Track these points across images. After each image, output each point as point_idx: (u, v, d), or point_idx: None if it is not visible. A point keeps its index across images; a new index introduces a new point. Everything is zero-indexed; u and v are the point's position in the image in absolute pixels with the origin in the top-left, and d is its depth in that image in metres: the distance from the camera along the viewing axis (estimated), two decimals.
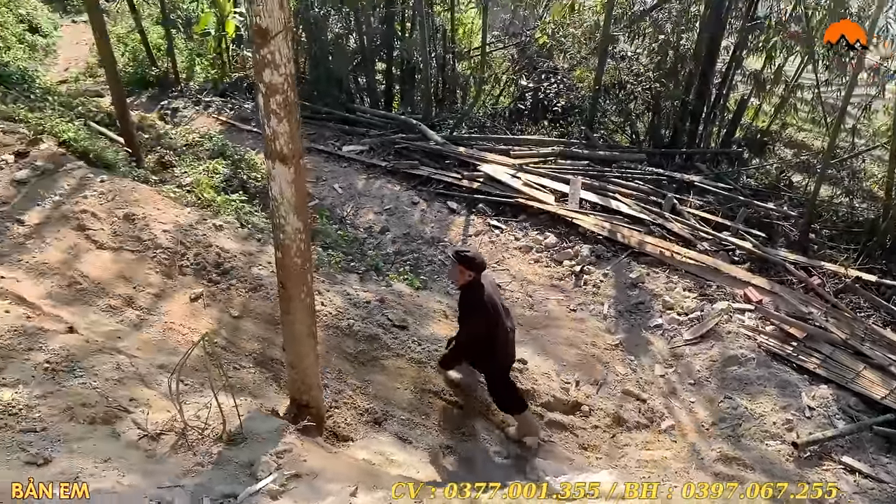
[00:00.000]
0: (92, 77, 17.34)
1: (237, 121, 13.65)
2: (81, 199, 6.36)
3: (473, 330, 4.99)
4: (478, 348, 5.13)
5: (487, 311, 4.87)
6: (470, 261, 4.87)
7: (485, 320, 4.89)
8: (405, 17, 14.96)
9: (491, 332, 4.94)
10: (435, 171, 10.98)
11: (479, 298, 4.89)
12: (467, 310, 4.98)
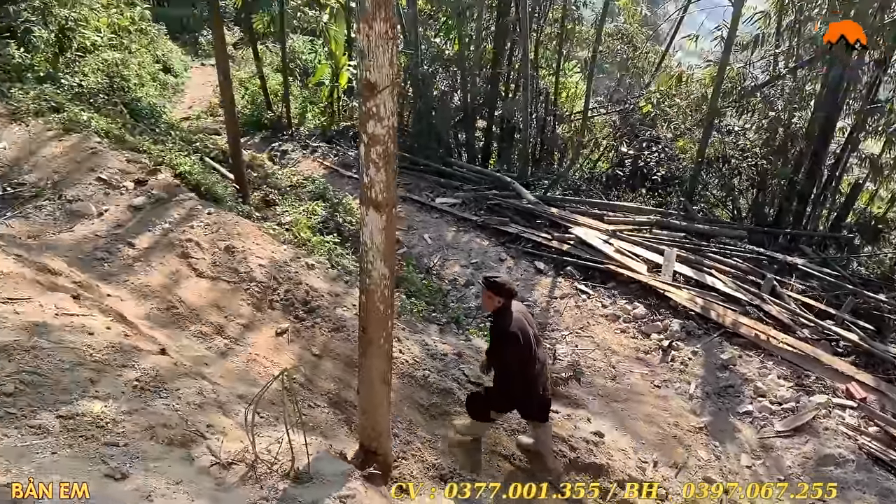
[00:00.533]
0: (212, 116, 18.63)
1: (340, 167, 14.23)
2: (188, 228, 6.75)
3: (507, 358, 4.75)
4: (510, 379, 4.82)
5: (517, 339, 4.65)
6: (499, 287, 4.68)
7: (514, 348, 4.66)
8: (510, 78, 15.31)
9: (522, 360, 4.73)
10: (525, 229, 10.97)
11: (508, 325, 4.67)
12: (496, 338, 4.79)
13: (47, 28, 12.36)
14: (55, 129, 8.21)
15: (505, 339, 4.68)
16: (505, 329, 4.66)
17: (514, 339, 4.63)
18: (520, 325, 4.72)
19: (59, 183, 7.26)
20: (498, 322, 4.74)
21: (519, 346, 4.65)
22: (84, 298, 4.61)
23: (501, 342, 4.73)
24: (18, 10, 12.26)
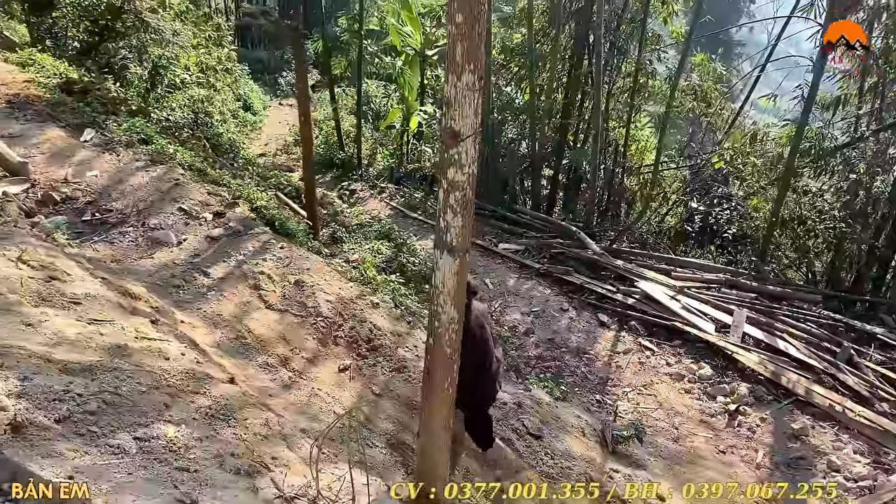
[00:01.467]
0: (286, 153, 19.35)
1: (406, 208, 14.46)
2: (261, 261, 6.96)
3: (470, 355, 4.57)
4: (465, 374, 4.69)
5: (475, 335, 4.67)
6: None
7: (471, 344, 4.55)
8: (579, 128, 15.35)
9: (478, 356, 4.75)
10: (589, 280, 10.84)
11: (469, 321, 4.56)
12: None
13: (142, 65, 13.19)
14: (143, 160, 8.67)
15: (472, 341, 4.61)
16: (470, 328, 4.62)
17: (472, 335, 4.64)
18: (479, 322, 4.81)
19: (143, 211, 7.63)
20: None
21: (476, 342, 4.70)
22: (161, 324, 4.78)
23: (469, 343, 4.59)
24: (117, 48, 13.15)
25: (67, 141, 8.85)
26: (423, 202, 14.74)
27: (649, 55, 14.04)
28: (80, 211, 7.61)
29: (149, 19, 12.85)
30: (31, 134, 8.79)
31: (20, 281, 4.10)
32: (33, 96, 9.79)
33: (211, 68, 15.93)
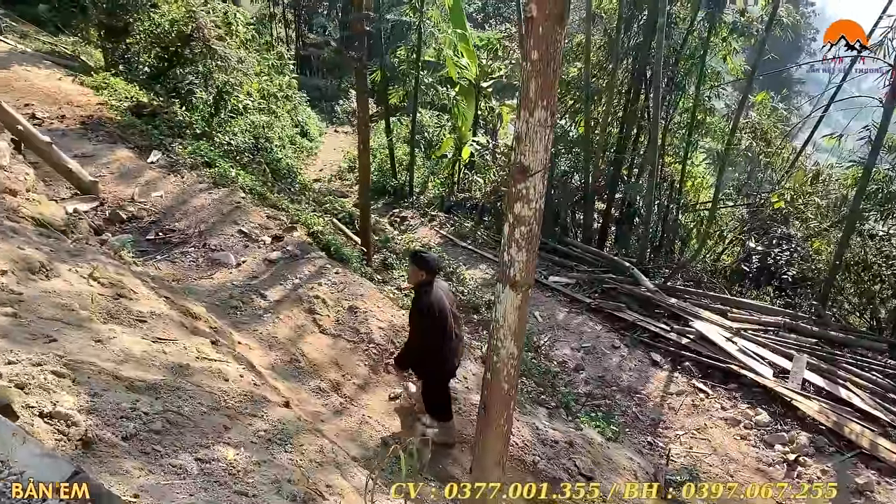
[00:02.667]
0: (340, 179, 19.69)
1: (456, 237, 14.49)
2: (316, 285, 7.04)
3: (421, 327, 5.10)
4: (424, 349, 5.19)
5: (434, 311, 4.99)
6: (422, 260, 5.14)
7: (432, 318, 4.99)
8: (633, 163, 15.21)
9: (436, 331, 5.05)
10: (642, 317, 10.61)
11: (428, 299, 5.02)
12: (416, 309, 5.12)
13: (207, 91, 13.66)
14: (206, 182, 8.94)
15: (422, 310, 5.03)
16: (424, 301, 5.03)
17: (431, 311, 4.98)
18: (438, 299, 5.06)
19: (205, 232, 7.84)
20: (419, 295, 5.11)
21: (434, 318, 4.99)
22: (220, 345, 4.86)
23: (419, 313, 5.08)
24: (185, 74, 13.66)
25: (135, 162, 9.20)
26: (473, 232, 14.76)
27: (708, 92, 13.86)
28: (144, 230, 7.87)
29: (216, 46, 13.33)
30: (102, 154, 9.16)
31: (91, 297, 4.23)
32: (105, 118, 10.23)
33: (272, 95, 16.42)
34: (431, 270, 5.13)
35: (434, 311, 5.00)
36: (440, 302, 5.07)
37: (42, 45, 13.83)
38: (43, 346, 3.39)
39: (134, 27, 12.92)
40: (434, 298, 5.03)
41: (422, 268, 5.11)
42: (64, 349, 3.45)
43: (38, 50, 13.17)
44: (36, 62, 11.93)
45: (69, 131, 9.56)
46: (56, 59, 12.90)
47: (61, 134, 9.27)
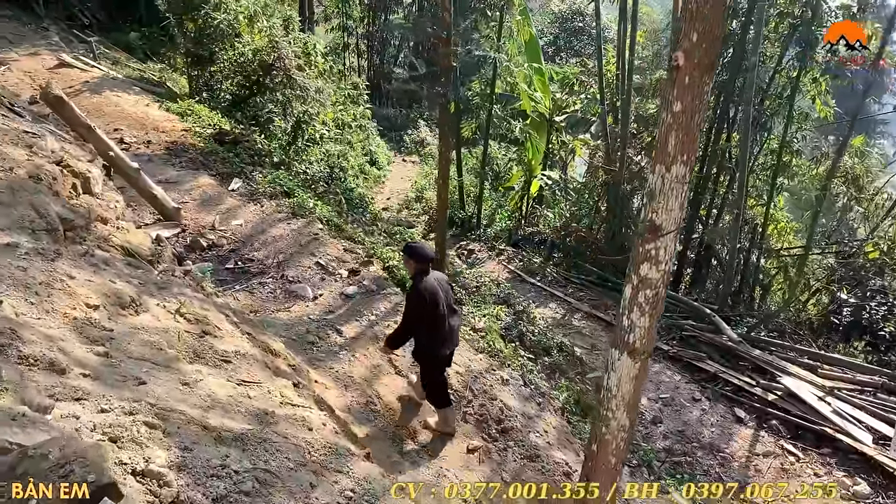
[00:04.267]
0: (407, 209, 19.66)
1: (524, 272, 14.17)
2: (393, 323, 6.86)
3: (412, 312, 5.28)
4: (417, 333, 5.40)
5: (425, 297, 5.19)
6: (412, 250, 5.43)
7: (423, 305, 5.19)
8: (713, 203, 14.64)
9: (427, 316, 5.24)
10: (724, 369, 10.03)
11: (422, 286, 5.22)
12: (410, 294, 5.36)
13: (285, 119, 13.88)
14: (285, 212, 8.94)
15: (415, 297, 5.24)
16: (418, 288, 5.22)
17: (422, 298, 5.19)
18: (431, 288, 5.25)
19: (283, 263, 7.80)
20: (414, 283, 5.32)
21: (425, 305, 5.20)
22: (302, 387, 4.70)
23: (412, 298, 5.29)
24: (265, 102, 13.93)
25: (217, 189, 9.30)
26: (542, 268, 14.42)
27: (795, 133, 13.25)
28: (224, 258, 7.88)
29: (296, 76, 13.56)
30: (185, 180, 9.30)
31: (178, 335, 4.13)
32: (189, 144, 10.44)
33: (346, 125, 16.60)
34: (423, 260, 5.35)
35: (425, 296, 5.21)
36: (433, 289, 5.28)
37: (132, 71, 14.35)
38: (133, 389, 3.28)
39: (218, 56, 13.26)
40: (427, 286, 5.26)
41: (414, 258, 5.38)
42: (154, 394, 3.33)
43: (128, 76, 13.66)
44: (126, 88, 12.35)
45: (154, 156, 9.78)
46: (144, 85, 13.33)
47: (147, 159, 9.48)
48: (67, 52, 13.64)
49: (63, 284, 3.80)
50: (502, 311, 10.34)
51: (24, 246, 3.94)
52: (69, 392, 2.92)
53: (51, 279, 3.78)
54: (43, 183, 5.00)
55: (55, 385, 2.88)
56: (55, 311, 3.59)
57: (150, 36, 16.96)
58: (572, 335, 11.39)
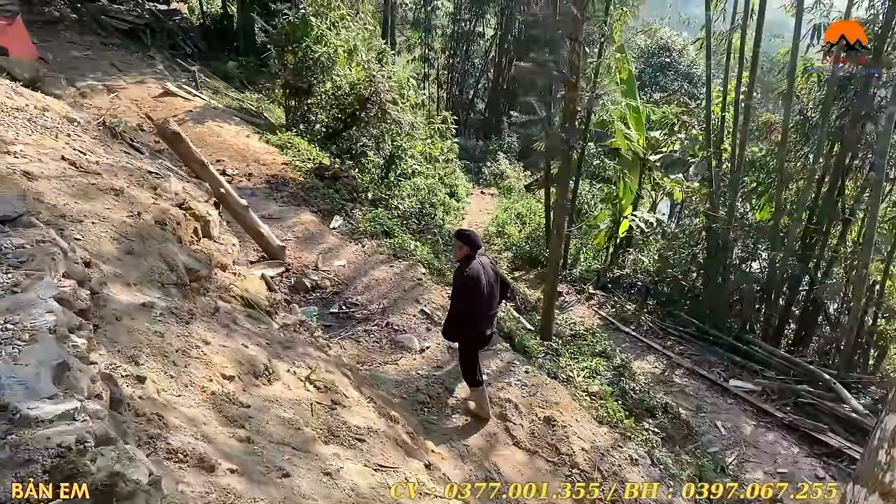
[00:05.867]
0: (488, 243, 19.23)
1: (617, 320, 13.48)
2: (506, 385, 6.40)
3: (459, 293, 5.62)
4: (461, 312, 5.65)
5: (470, 277, 5.53)
6: (465, 237, 5.80)
7: (467, 286, 5.53)
8: (824, 256, 13.64)
9: (471, 296, 5.56)
10: (849, 444, 9.08)
11: (468, 269, 5.56)
12: (456, 276, 5.72)
13: (378, 153, 13.75)
14: (386, 253, 8.66)
15: (461, 278, 5.59)
16: (463, 271, 5.58)
17: (468, 278, 5.54)
18: (476, 271, 5.61)
19: (387, 309, 7.46)
20: (461, 266, 5.67)
21: (469, 284, 5.54)
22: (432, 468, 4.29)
23: (459, 280, 5.63)
24: (359, 135, 13.85)
25: (318, 226, 9.12)
26: (636, 316, 13.69)
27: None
28: (328, 301, 7.62)
29: (390, 110, 13.44)
30: (287, 216, 9.16)
31: (311, 407, 3.79)
32: (290, 178, 10.34)
33: (434, 159, 16.41)
34: (473, 246, 5.72)
35: (471, 278, 5.55)
36: (477, 272, 5.61)
37: (231, 100, 14.57)
38: (279, 485, 2.92)
39: (316, 88, 13.28)
40: (472, 269, 5.60)
41: (465, 243, 5.74)
42: (300, 489, 2.96)
43: (228, 106, 13.85)
44: (227, 118, 12.47)
45: (257, 190, 9.71)
46: (244, 115, 13.48)
47: (250, 193, 9.40)
48: (171, 80, 13.95)
49: (199, 352, 3.51)
50: (601, 365, 9.74)
51: (158, 306, 3.68)
52: (221, 496, 2.57)
53: (187, 345, 3.50)
54: (168, 228, 4.80)
55: (208, 490, 2.53)
56: (193, 384, 3.29)
57: (247, 65, 17.30)
58: (675, 394, 10.64)
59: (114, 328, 3.20)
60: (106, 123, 6.34)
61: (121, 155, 5.87)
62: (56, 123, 5.58)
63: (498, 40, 32.88)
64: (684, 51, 32.15)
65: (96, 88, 12.37)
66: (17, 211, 3.30)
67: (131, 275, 3.96)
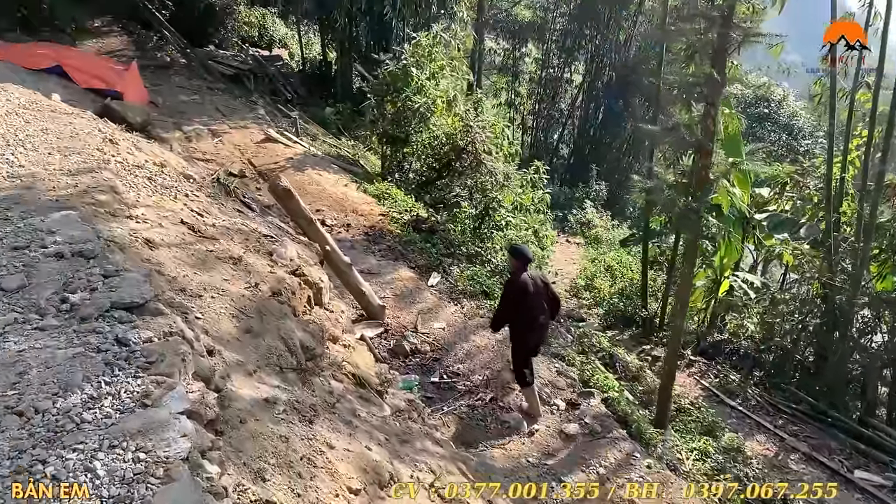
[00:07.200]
0: (576, 297, 18.50)
1: (721, 392, 12.47)
2: (626, 482, 5.78)
3: (507, 295, 6.43)
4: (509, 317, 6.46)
5: (517, 289, 6.27)
6: (515, 251, 6.73)
7: (514, 292, 6.29)
8: None
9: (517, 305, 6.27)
10: None
11: (517, 280, 6.31)
12: (507, 284, 6.59)
13: (472, 203, 13.45)
14: (486, 316, 8.22)
15: (510, 285, 6.44)
16: (513, 281, 6.39)
17: (516, 288, 6.29)
18: (524, 283, 6.30)
19: (491, 382, 7.00)
20: (511, 277, 6.48)
21: (516, 294, 6.27)
22: None
23: (508, 286, 6.49)
24: (453, 185, 13.63)
25: (416, 283, 8.80)
26: (742, 388, 12.64)
27: None
28: (427, 368, 7.23)
29: (485, 160, 13.18)
30: (385, 272, 8.90)
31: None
32: (387, 230, 10.13)
33: (525, 209, 15.97)
34: (523, 260, 6.47)
35: (518, 288, 6.29)
36: (525, 284, 6.30)
37: (329, 147, 14.67)
38: None
39: (413, 137, 13.18)
40: (521, 280, 6.31)
41: (515, 257, 6.59)
42: None
43: (326, 153, 13.92)
44: (326, 166, 12.48)
45: (355, 243, 9.51)
46: (342, 163, 13.49)
47: (349, 246, 9.21)
48: (272, 125, 14.19)
49: (324, 459, 3.14)
50: (710, 446, 8.89)
51: (280, 400, 3.35)
52: None
53: (312, 451, 3.13)
54: (283, 298, 4.54)
55: None
56: (320, 501, 2.91)
57: (343, 112, 17.50)
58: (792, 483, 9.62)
59: (238, 434, 2.87)
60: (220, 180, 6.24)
61: (234, 215, 5.74)
62: (174, 182, 5.49)
63: (586, 87, 32.48)
64: (784, 101, 30.85)
65: (202, 133, 12.64)
66: (143, 296, 3.06)
67: (250, 358, 3.66)
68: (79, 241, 3.54)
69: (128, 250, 3.75)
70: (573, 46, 31.54)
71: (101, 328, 2.78)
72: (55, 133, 5.46)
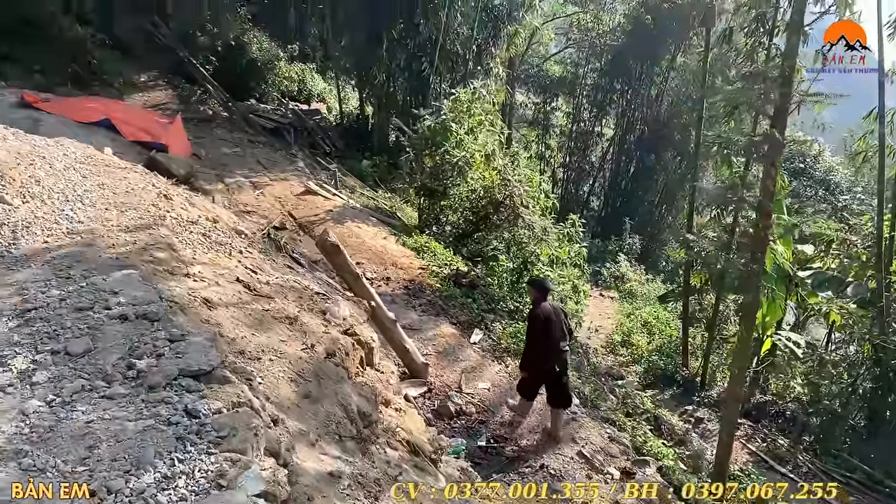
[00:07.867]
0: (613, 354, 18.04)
1: (769, 457, 11.93)
2: None
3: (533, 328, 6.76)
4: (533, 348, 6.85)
5: (541, 317, 6.65)
6: (534, 283, 7.42)
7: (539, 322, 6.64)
8: None
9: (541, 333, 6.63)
10: None
11: (539, 310, 6.72)
12: (530, 315, 6.91)
13: (509, 256, 13.30)
14: None
15: (532, 317, 6.77)
16: (534, 310, 6.77)
17: (538, 317, 6.66)
18: (546, 312, 6.69)
19: (539, 448, 6.71)
20: (533, 309, 6.85)
21: (538, 324, 6.63)
22: None
23: (531, 318, 6.83)
24: (490, 238, 13.53)
25: (458, 340, 8.63)
26: (792, 454, 12.08)
27: None
28: (473, 430, 6.99)
29: (523, 214, 13.10)
30: (427, 327, 8.75)
31: None
32: (427, 284, 10.03)
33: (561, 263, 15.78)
34: (542, 291, 6.91)
35: (541, 317, 6.61)
36: (547, 313, 6.65)
37: (367, 199, 14.75)
38: None
39: (451, 190, 13.19)
40: (543, 310, 6.66)
41: (534, 288, 7.10)
42: None
43: (365, 205, 13.98)
44: (364, 218, 12.51)
45: (396, 297, 9.40)
46: (380, 216, 13.52)
47: (390, 300, 9.08)
48: (312, 178, 14.32)
49: None
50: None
51: (344, 474, 3.19)
52: None
53: None
54: (338, 359, 4.41)
55: None
56: None
57: (380, 164, 17.67)
58: None
59: None
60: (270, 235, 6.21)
61: (286, 271, 5.69)
62: (227, 238, 5.46)
63: (617, 140, 32.54)
64: (819, 156, 30.52)
65: (243, 185, 12.79)
66: (210, 363, 2.95)
67: (311, 426, 3.52)
68: (142, 303, 3.47)
69: (188, 311, 3.68)
70: (604, 101, 31.72)
71: (169, 398, 2.67)
72: (111, 188, 5.48)
